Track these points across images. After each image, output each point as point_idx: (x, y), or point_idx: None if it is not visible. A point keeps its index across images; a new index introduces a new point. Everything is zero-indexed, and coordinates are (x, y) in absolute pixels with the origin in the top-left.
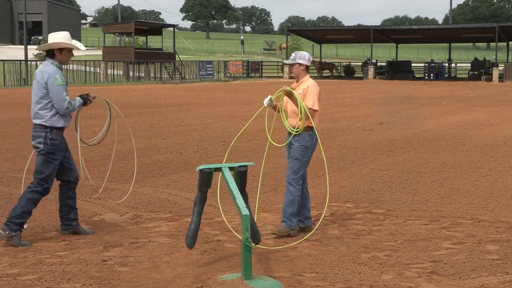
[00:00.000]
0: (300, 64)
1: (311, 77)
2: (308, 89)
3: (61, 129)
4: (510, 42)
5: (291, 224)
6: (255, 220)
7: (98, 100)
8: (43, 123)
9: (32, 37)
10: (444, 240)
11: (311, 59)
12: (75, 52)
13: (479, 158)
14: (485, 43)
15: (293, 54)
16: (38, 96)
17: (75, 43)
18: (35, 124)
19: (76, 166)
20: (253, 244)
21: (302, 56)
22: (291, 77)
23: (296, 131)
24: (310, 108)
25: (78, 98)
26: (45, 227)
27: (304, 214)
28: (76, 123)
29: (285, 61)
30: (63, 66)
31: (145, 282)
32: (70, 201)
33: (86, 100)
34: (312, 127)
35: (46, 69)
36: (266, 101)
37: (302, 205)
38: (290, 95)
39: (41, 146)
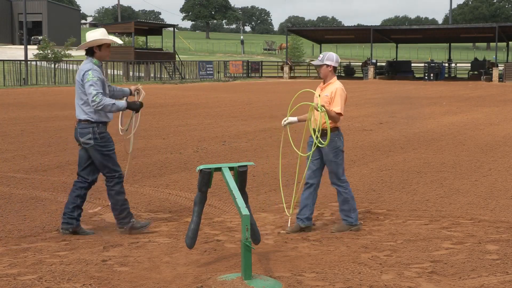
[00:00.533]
0: (327, 65)
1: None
2: (336, 92)
3: (106, 123)
4: (510, 42)
5: (351, 220)
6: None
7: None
8: (89, 119)
9: (32, 37)
10: (444, 240)
11: (339, 60)
12: (75, 52)
13: (479, 158)
14: (485, 43)
15: (321, 55)
16: (78, 93)
17: (112, 38)
18: (81, 120)
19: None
20: (253, 244)
21: (330, 57)
22: (291, 77)
23: (317, 137)
24: (338, 113)
25: (123, 101)
26: (45, 227)
27: (306, 214)
28: (121, 120)
29: (313, 62)
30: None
31: (145, 282)
32: (79, 200)
33: (137, 107)
34: (338, 127)
35: (83, 67)
36: (286, 122)
37: (306, 205)
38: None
39: (92, 141)
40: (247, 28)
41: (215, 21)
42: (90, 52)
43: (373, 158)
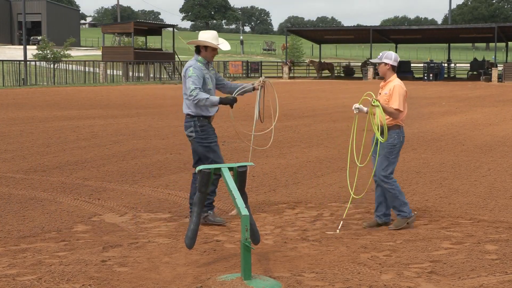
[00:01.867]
0: (385, 64)
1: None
2: (394, 89)
3: (207, 117)
4: (509, 43)
5: (404, 214)
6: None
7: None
8: (190, 113)
9: (31, 37)
10: (443, 240)
11: (398, 59)
12: (74, 53)
13: (478, 158)
14: (484, 44)
15: (380, 54)
16: (183, 88)
17: (222, 42)
18: (185, 114)
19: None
20: (252, 244)
21: (389, 56)
22: (290, 77)
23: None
24: (396, 109)
25: (216, 97)
26: (44, 228)
27: (383, 211)
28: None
29: (372, 60)
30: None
31: (144, 283)
32: (192, 190)
33: (229, 102)
34: (399, 125)
35: (188, 63)
36: (355, 109)
37: (381, 202)
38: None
39: (193, 134)
40: (247, 28)
41: (214, 21)
42: (197, 50)
43: None
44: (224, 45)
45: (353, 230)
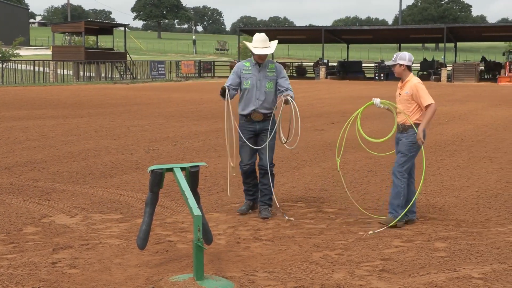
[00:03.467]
0: (400, 65)
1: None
2: (417, 88)
3: (243, 115)
4: (458, 43)
5: (397, 215)
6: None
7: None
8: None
9: None
10: (394, 238)
11: (412, 58)
12: (23, 52)
13: (427, 157)
14: (434, 44)
15: (394, 55)
16: None
17: (267, 45)
18: None
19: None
20: (205, 244)
21: (403, 57)
22: None
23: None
24: (428, 105)
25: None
26: None
27: (409, 208)
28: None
29: (387, 62)
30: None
31: (95, 284)
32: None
33: (222, 92)
34: (419, 123)
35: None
36: (377, 103)
37: (408, 200)
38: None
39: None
40: (199, 28)
41: (166, 20)
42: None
43: (325, 157)
44: (263, 49)
45: (306, 229)
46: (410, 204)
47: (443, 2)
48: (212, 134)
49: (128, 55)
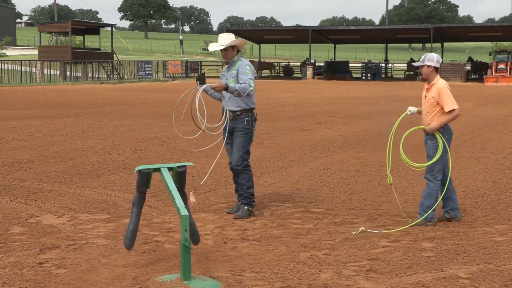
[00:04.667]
0: (428, 66)
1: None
2: (441, 92)
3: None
4: (444, 43)
5: (427, 217)
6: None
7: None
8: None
9: None
10: (381, 238)
11: (440, 60)
12: (10, 52)
13: (415, 157)
14: (421, 44)
15: (422, 56)
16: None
17: (217, 43)
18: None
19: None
20: (192, 244)
21: (431, 58)
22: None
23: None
24: (450, 110)
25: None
26: None
27: (450, 205)
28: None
29: (414, 63)
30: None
31: (82, 285)
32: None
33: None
34: (446, 124)
35: None
36: (413, 111)
37: (448, 197)
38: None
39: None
40: (186, 28)
41: (153, 20)
42: None
43: (312, 157)
44: (211, 46)
45: (293, 230)
46: (436, 204)
47: (429, 2)
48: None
49: (115, 55)
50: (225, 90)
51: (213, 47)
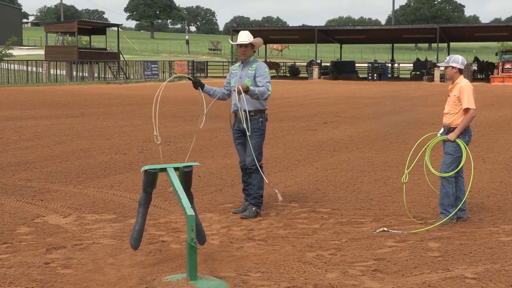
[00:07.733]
0: (452, 67)
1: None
2: (461, 89)
3: (234, 114)
4: (450, 43)
5: (448, 214)
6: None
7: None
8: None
9: None
10: (387, 238)
11: (465, 62)
12: (16, 52)
13: (421, 157)
14: (427, 44)
15: (447, 58)
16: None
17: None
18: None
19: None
20: (198, 244)
21: (456, 60)
22: None
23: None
24: (466, 108)
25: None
26: None
27: (458, 206)
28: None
29: (439, 64)
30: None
31: (88, 284)
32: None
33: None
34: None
35: None
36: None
37: (456, 197)
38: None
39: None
40: (192, 28)
41: (159, 20)
42: None
43: (318, 157)
44: (242, 36)
45: (299, 229)
46: (462, 203)
47: (436, 2)
48: (205, 134)
49: (121, 55)
50: (245, 92)
51: (241, 37)
